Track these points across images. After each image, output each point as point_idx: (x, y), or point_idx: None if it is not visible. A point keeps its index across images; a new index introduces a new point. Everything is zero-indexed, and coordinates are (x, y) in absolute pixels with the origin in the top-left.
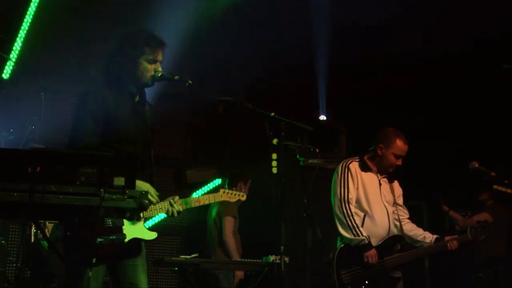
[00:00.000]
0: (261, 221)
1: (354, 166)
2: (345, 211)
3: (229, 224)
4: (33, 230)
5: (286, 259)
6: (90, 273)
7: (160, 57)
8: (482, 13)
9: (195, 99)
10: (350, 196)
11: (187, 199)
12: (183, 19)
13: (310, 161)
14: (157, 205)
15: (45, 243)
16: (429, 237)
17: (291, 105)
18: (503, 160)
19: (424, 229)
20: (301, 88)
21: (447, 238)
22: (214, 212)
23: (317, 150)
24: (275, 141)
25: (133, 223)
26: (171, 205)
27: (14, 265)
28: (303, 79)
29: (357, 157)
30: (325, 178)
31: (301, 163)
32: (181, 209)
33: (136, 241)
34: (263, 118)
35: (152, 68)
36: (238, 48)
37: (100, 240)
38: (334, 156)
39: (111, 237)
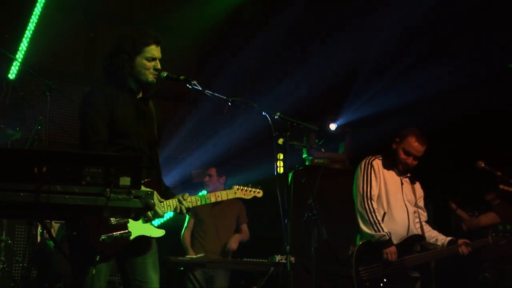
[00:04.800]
0: (267, 221)
1: (377, 163)
2: (367, 207)
3: (187, 223)
4: (39, 230)
5: (292, 259)
6: (94, 271)
7: (157, 54)
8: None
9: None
10: (372, 193)
11: (201, 195)
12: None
13: (316, 160)
14: (165, 203)
15: (51, 243)
16: (441, 239)
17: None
18: (510, 159)
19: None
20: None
21: (460, 241)
22: None
23: (323, 150)
24: (280, 141)
25: (140, 221)
26: (180, 202)
27: (21, 265)
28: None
29: (380, 155)
30: (330, 178)
31: (307, 163)
32: (190, 206)
33: (145, 238)
34: (269, 118)
35: (151, 66)
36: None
37: (103, 237)
38: (339, 156)
39: (115, 235)
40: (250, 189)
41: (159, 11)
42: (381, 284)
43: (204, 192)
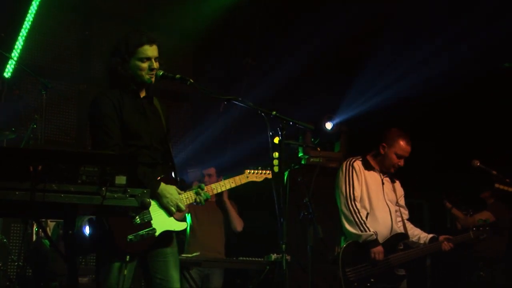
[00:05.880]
0: (263, 219)
1: (358, 164)
2: (351, 208)
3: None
4: (35, 228)
5: (288, 257)
6: (126, 272)
7: (151, 53)
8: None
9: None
10: (355, 194)
11: (214, 184)
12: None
13: (311, 159)
14: (183, 196)
15: (46, 242)
16: (423, 237)
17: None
18: (506, 158)
19: (425, 228)
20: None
21: (441, 238)
22: None
23: (318, 149)
24: (276, 139)
25: (162, 216)
26: (198, 193)
27: (16, 263)
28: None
29: (360, 156)
30: (326, 176)
31: (302, 162)
32: (209, 196)
33: (167, 233)
34: (265, 117)
35: (146, 66)
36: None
37: (130, 237)
38: (335, 155)
39: (141, 233)
40: (260, 171)
41: (154, 9)
42: (369, 284)
43: None
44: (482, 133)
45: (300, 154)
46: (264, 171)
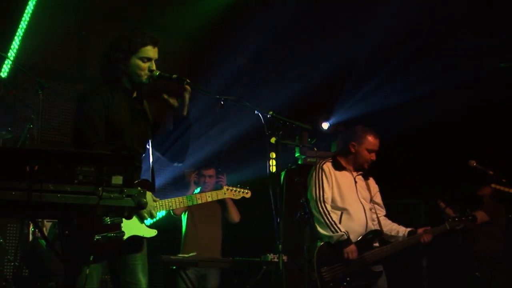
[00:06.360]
0: (259, 220)
1: (328, 166)
2: (321, 210)
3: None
4: (31, 229)
5: (285, 257)
6: (88, 271)
7: (152, 55)
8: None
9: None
10: (325, 196)
11: (191, 195)
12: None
13: (308, 159)
14: (158, 203)
15: (43, 242)
16: (402, 231)
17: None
18: (504, 158)
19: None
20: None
21: (419, 230)
22: None
23: (315, 149)
24: (273, 140)
25: (133, 221)
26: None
27: (12, 264)
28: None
29: (330, 158)
30: None
31: (299, 162)
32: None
33: (137, 238)
34: (261, 117)
35: (146, 67)
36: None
37: (98, 237)
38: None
39: (109, 235)
40: (239, 189)
41: (151, 9)
42: (345, 283)
43: (197, 190)
44: (480, 134)
45: (297, 154)
46: (242, 190)
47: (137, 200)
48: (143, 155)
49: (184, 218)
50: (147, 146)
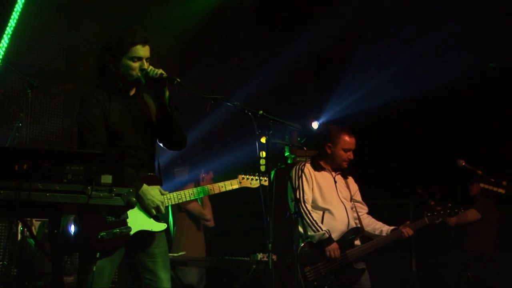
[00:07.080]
0: (248, 219)
1: (307, 167)
2: (302, 210)
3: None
4: (20, 228)
5: (274, 257)
6: (94, 268)
7: (143, 53)
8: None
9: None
10: (306, 197)
11: (203, 187)
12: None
13: (298, 159)
14: (166, 196)
15: (31, 241)
16: (386, 229)
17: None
18: (496, 158)
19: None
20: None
21: (401, 227)
22: None
23: (305, 148)
24: (263, 139)
25: (140, 215)
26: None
27: (0, 263)
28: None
29: (309, 159)
30: None
31: (289, 161)
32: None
33: (147, 233)
34: (252, 116)
35: (137, 66)
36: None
37: (102, 234)
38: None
39: (114, 231)
40: (256, 177)
41: (141, 7)
42: (329, 281)
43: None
44: (469, 133)
45: (287, 154)
46: (259, 178)
47: (126, 199)
48: (152, 151)
49: (171, 217)
50: (152, 142)
